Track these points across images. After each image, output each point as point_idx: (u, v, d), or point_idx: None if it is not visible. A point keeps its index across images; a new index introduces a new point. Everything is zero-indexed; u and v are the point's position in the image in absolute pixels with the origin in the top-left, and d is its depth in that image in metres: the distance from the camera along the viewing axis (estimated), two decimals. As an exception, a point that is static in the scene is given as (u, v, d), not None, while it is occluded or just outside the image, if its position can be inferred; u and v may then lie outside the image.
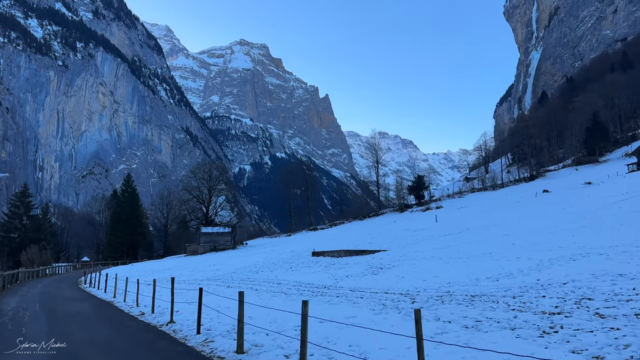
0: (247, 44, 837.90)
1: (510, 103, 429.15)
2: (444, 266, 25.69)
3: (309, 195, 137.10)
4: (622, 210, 34.99)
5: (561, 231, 31.34)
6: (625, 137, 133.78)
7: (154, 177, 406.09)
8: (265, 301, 19.08)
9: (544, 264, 21.08)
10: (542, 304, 13.93)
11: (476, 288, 18.42)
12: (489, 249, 29.52)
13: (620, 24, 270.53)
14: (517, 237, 33.05)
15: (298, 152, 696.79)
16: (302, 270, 33.60)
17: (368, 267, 29.97)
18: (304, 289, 23.86)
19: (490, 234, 37.94)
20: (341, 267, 31.93)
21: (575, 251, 22.98)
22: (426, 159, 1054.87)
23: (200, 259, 67.12)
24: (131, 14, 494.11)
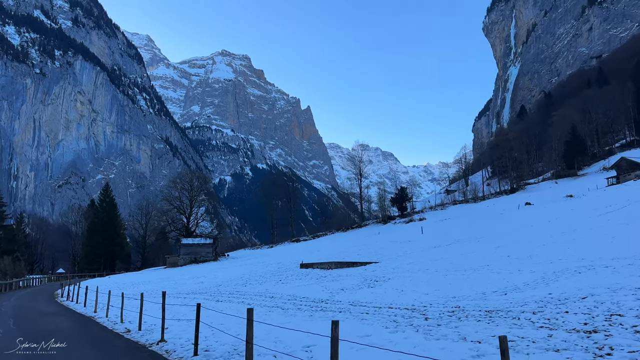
0: (229, 55, 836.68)
1: (488, 117, 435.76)
2: (443, 279, 25.09)
3: (292, 206, 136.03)
4: (610, 222, 35.10)
5: (554, 243, 31.19)
6: (602, 151, 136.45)
7: (132, 188, 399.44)
8: (262, 317, 18.05)
9: (549, 276, 20.63)
10: (569, 320, 13.36)
11: (487, 303, 17.86)
12: (485, 261, 29.11)
13: (596, 41, 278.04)
14: (510, 249, 32.72)
15: (279, 163, 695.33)
16: (294, 283, 32.58)
17: (362, 279, 29.21)
18: (300, 303, 22.95)
19: (481, 246, 37.62)
20: (334, 280, 31.09)
21: (577, 264, 22.68)
22: (406, 171, 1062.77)
23: (182, 271, 65.46)
24: (111, 23, 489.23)
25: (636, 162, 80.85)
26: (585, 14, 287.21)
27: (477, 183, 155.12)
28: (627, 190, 61.48)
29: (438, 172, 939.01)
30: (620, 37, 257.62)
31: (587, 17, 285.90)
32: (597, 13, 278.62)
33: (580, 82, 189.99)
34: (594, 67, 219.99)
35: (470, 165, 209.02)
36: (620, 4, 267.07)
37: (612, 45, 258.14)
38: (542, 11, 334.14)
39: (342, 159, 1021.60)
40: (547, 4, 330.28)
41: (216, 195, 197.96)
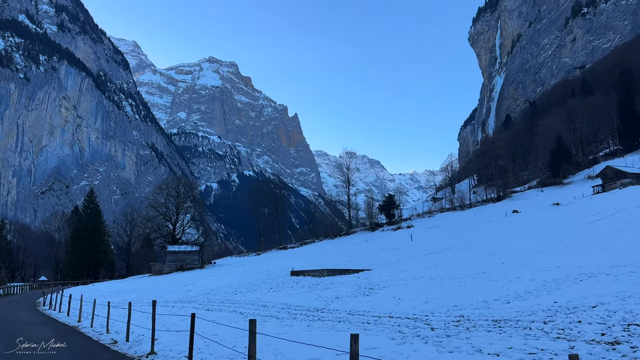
0: (216, 62, 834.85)
1: (474, 126, 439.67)
2: (440, 287, 24.66)
3: (279, 213, 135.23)
4: (602, 230, 35.12)
5: (547, 251, 31.04)
6: (586, 160, 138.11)
7: (116, 194, 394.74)
8: (256, 327, 17.21)
9: (549, 284, 20.33)
10: (585, 330, 12.95)
11: (491, 311, 17.44)
12: (480, 268, 28.78)
13: (579, 52, 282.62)
14: (504, 256, 32.46)
15: (266, 170, 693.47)
16: (285, 291, 31.86)
17: (357, 287, 28.64)
18: (295, 312, 22.24)
19: (474, 254, 37.35)
20: (327, 288, 30.47)
21: (576, 271, 22.46)
22: (393, 179, 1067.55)
23: (168, 279, 64.29)
24: (97, 28, 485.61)
25: (621, 170, 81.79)
26: (569, 25, 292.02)
27: (464, 191, 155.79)
28: (613, 199, 62.00)
29: (424, 180, 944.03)
30: (603, 48, 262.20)
31: (570, 29, 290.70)
32: (581, 24, 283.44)
33: (565, 92, 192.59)
34: (577, 78, 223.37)
35: (456, 174, 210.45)
36: (602, 16, 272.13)
37: (595, 56, 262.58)
38: (527, 22, 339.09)
39: (329, 166, 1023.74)
40: (531, 15, 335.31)
41: (203, 202, 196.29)
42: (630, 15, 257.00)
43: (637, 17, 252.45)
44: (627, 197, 59.31)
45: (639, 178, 77.21)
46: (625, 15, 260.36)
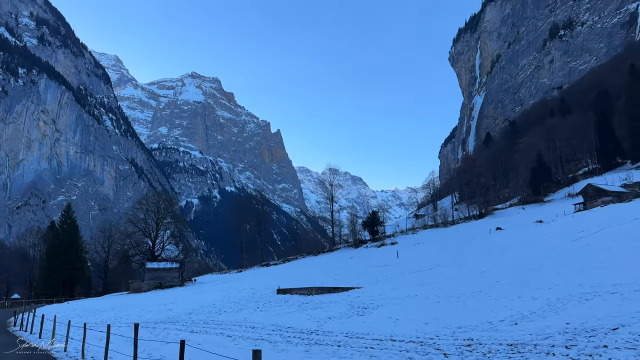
0: (199, 77, 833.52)
1: (454, 144, 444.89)
2: (437, 306, 23.80)
3: (262, 229, 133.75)
4: (590, 247, 34.94)
5: (541, 268, 30.52)
6: (566, 178, 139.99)
7: (94, 210, 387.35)
8: (247, 352, 16.03)
9: (554, 304, 19.68)
10: (617, 357, 12.18)
11: (501, 334, 16.63)
12: (475, 286, 28.06)
13: (557, 73, 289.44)
14: (497, 274, 31.84)
15: (248, 186, 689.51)
16: (273, 311, 30.54)
17: (349, 306, 27.58)
18: (288, 334, 21.00)
19: (466, 271, 36.70)
20: (318, 307, 29.29)
21: (578, 290, 21.89)
22: (375, 195, 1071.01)
23: (147, 297, 62.26)
24: (79, 42, 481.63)
25: (602, 188, 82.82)
26: (547, 46, 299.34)
27: (446, 208, 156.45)
28: (595, 216, 62.45)
29: (406, 197, 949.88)
30: (580, 69, 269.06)
31: (548, 50, 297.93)
32: (558, 46, 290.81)
33: (544, 112, 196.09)
34: (556, 98, 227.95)
35: (437, 191, 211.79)
36: (579, 39, 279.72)
37: (572, 77, 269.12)
38: (506, 43, 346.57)
39: (312, 182, 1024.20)
40: (510, 37, 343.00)
41: (183, 218, 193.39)
42: (606, 38, 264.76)
43: (612, 40, 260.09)
44: (609, 215, 59.76)
45: (619, 196, 78.25)
46: (601, 38, 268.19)
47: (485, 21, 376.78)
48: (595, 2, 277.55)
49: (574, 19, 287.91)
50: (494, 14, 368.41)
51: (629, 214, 53.51)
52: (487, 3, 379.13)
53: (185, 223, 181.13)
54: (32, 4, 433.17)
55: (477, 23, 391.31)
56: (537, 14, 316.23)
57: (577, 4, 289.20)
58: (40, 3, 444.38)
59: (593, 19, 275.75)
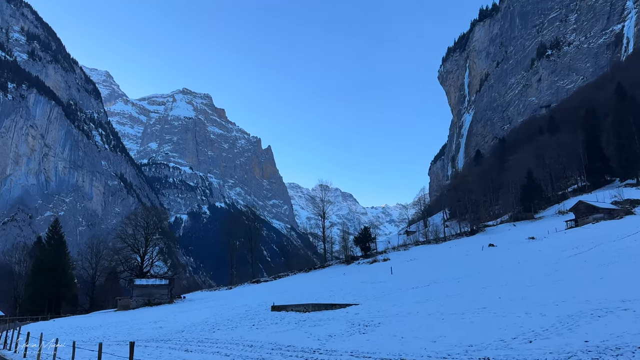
0: (190, 93, 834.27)
1: (444, 161, 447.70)
2: (442, 323, 23.09)
3: (252, 246, 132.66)
4: (588, 263, 34.76)
5: (542, 284, 30.18)
6: (555, 195, 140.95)
7: (82, 226, 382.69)
8: None
9: (565, 320, 19.19)
10: None
11: (518, 353, 16.02)
12: (478, 303, 27.50)
13: (544, 91, 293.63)
14: (497, 290, 31.30)
15: (238, 202, 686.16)
16: (270, 328, 29.53)
17: (349, 324, 26.73)
18: (289, 353, 20.13)
19: (465, 288, 36.15)
20: (316, 325, 28.35)
21: (587, 306, 21.42)
22: (365, 212, 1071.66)
23: (136, 315, 60.92)
24: (70, 58, 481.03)
25: (593, 205, 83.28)
26: (535, 66, 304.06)
27: (437, 224, 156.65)
28: (587, 233, 62.58)
29: (396, 214, 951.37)
30: (567, 88, 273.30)
31: (536, 69, 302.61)
32: (545, 65, 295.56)
33: (533, 129, 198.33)
34: (545, 116, 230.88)
35: (427, 207, 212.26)
36: (566, 58, 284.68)
37: (560, 95, 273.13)
38: (494, 62, 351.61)
39: (302, 199, 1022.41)
40: (499, 56, 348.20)
41: (172, 234, 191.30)
42: (592, 58, 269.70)
43: (598, 60, 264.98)
44: (601, 232, 59.95)
45: (610, 213, 78.68)
46: (587, 58, 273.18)
47: (474, 40, 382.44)
48: (582, 23, 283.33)
49: (560, 39, 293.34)
50: (483, 33, 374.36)
51: (621, 230, 53.69)
52: (475, 23, 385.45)
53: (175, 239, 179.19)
54: (23, 19, 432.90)
55: (466, 42, 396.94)
56: (525, 34, 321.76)
57: (564, 24, 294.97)
58: (32, 18, 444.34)
59: (580, 39, 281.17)
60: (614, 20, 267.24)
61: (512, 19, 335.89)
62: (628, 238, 47.54)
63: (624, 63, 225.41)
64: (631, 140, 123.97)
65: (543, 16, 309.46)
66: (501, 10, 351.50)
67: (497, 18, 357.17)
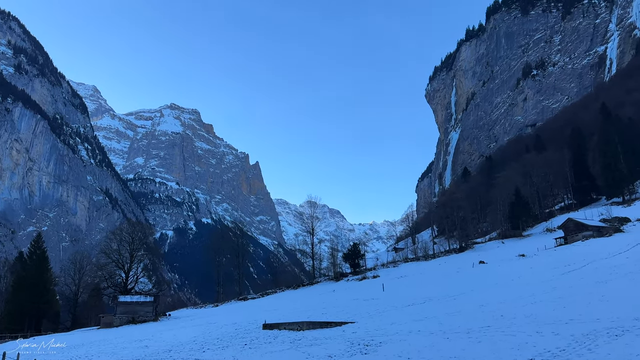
0: (178, 109, 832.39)
1: (431, 179, 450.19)
2: (449, 343, 22.01)
3: (240, 262, 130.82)
4: (585, 281, 34.37)
5: (542, 302, 29.58)
6: (543, 213, 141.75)
7: (65, 241, 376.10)
8: None
9: (581, 340, 18.45)
10: None
11: None
12: (481, 321, 26.66)
13: (530, 111, 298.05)
14: (497, 307, 30.55)
15: (225, 218, 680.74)
16: (264, 348, 27.99)
17: (348, 343, 25.51)
18: None
19: (463, 305, 35.35)
20: (313, 344, 26.94)
21: (600, 325, 20.63)
22: (353, 229, 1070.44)
23: (120, 333, 59.12)
24: (57, 72, 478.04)
25: (582, 223, 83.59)
26: (520, 85, 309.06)
27: (425, 241, 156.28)
28: (578, 251, 62.53)
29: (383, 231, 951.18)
30: (552, 108, 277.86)
31: (521, 89, 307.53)
32: (531, 85, 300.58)
33: (519, 148, 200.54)
34: (531, 134, 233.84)
35: (415, 224, 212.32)
36: (551, 78, 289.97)
37: (545, 114, 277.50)
38: (481, 81, 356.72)
39: (290, 215, 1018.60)
40: (485, 75, 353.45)
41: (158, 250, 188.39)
42: (576, 79, 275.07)
43: (582, 80, 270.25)
44: (591, 249, 59.95)
45: (599, 230, 78.97)
46: (572, 78, 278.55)
47: (460, 60, 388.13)
48: (566, 44, 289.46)
49: (546, 60, 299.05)
50: (469, 53, 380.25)
51: (611, 248, 53.66)
52: (462, 43, 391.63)
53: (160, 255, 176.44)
54: (10, 33, 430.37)
55: (453, 62, 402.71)
56: (511, 54, 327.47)
57: (549, 45, 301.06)
58: (19, 32, 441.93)
59: (564, 60, 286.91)
60: (598, 41, 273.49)
61: (498, 40, 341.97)
62: (619, 255, 47.47)
63: (607, 83, 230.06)
64: (617, 160, 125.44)
65: (528, 37, 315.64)
66: (487, 31, 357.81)
67: (483, 38, 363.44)
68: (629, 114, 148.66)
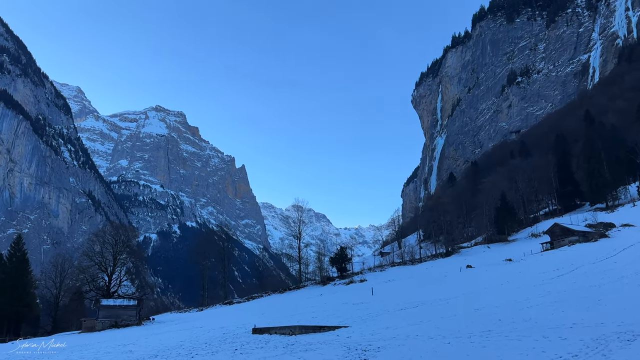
0: (163, 111, 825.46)
1: (416, 184, 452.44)
2: (450, 348, 21.22)
3: (225, 266, 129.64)
4: (577, 285, 34.26)
5: (538, 306, 29.29)
6: (528, 218, 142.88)
7: (46, 244, 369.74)
8: None
9: (592, 345, 17.86)
10: None
11: None
12: (482, 325, 26.03)
13: (514, 117, 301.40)
14: (494, 312, 30.07)
15: (210, 221, 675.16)
16: (256, 354, 26.98)
17: (345, 348, 24.76)
18: None
19: (457, 309, 34.93)
20: (308, 349, 26.07)
21: (608, 329, 20.01)
22: (338, 233, 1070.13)
23: (102, 337, 57.65)
24: (40, 72, 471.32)
25: (569, 228, 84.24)
26: (505, 92, 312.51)
27: (411, 245, 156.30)
28: (565, 255, 62.80)
29: (369, 235, 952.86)
30: (537, 114, 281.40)
31: (506, 95, 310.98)
32: (516, 92, 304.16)
33: (504, 153, 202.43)
34: (516, 141, 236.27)
35: (401, 229, 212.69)
36: (535, 85, 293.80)
37: (530, 121, 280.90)
38: (466, 88, 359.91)
39: (276, 219, 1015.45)
40: (470, 82, 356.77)
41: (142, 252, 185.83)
42: (560, 86, 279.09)
43: (566, 88, 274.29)
44: (578, 254, 60.25)
45: (585, 236, 79.62)
46: (556, 85, 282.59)
47: (446, 66, 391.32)
48: (550, 52, 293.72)
49: (530, 67, 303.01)
50: (455, 60, 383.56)
51: (599, 253, 53.94)
52: (448, 49, 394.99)
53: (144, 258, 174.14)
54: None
55: (439, 68, 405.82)
56: (496, 61, 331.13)
57: (534, 53, 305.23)
58: (1, 31, 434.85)
59: (548, 68, 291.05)
60: (581, 50, 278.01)
61: (484, 47, 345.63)
62: (607, 260, 47.70)
63: (590, 91, 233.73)
64: (600, 166, 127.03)
65: (513, 44, 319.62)
66: (473, 38, 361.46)
67: (469, 45, 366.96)
68: (612, 121, 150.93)
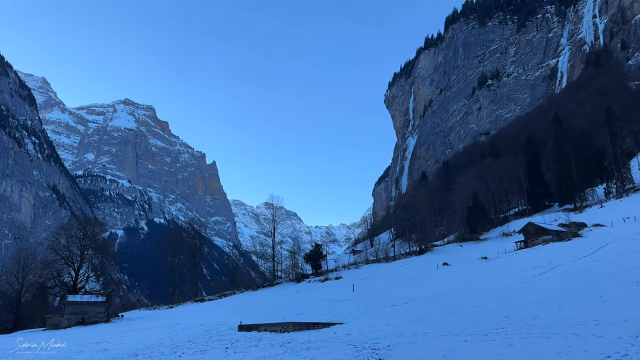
0: (132, 104, 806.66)
1: (387, 183, 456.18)
2: (471, 347, 19.58)
3: (196, 263, 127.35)
4: (570, 282, 34.23)
5: (538, 302, 28.90)
6: (498, 218, 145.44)
7: (8, 239, 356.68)
8: None
9: (636, 343, 16.78)
10: None
11: None
12: (490, 323, 24.83)
13: (484, 119, 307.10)
14: (495, 308, 29.38)
15: (179, 218, 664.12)
16: (252, 353, 25.15)
17: (351, 347, 23.08)
18: None
19: (453, 305, 34.20)
20: (310, 348, 24.47)
21: (622, 331, 19.07)
22: (309, 231, 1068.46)
23: (70, 335, 55.10)
24: (4, 60, 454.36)
25: (543, 227, 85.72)
26: (476, 94, 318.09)
27: (384, 243, 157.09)
28: (540, 254, 63.68)
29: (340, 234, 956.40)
30: (506, 117, 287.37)
31: (477, 98, 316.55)
32: (486, 94, 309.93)
33: (475, 154, 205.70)
34: (486, 142, 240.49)
35: (373, 227, 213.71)
36: (505, 89, 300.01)
37: (499, 123, 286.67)
38: (438, 89, 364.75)
39: (246, 216, 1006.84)
40: (442, 83, 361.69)
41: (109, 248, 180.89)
42: (529, 90, 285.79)
43: (535, 92, 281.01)
44: (553, 252, 61.13)
45: (559, 235, 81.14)
46: (525, 89, 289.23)
47: (419, 68, 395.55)
48: (520, 56, 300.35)
49: (500, 70, 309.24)
50: (428, 61, 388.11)
51: (575, 252, 54.70)
52: (421, 51, 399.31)
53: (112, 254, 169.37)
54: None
55: (412, 69, 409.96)
56: (467, 64, 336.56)
57: (504, 56, 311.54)
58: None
59: (518, 71, 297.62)
60: (550, 55, 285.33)
61: (456, 49, 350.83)
62: (585, 259, 48.43)
63: (558, 95, 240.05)
64: (569, 168, 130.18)
65: (485, 47, 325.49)
66: (445, 40, 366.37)
67: (441, 47, 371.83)
68: (581, 124, 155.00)
